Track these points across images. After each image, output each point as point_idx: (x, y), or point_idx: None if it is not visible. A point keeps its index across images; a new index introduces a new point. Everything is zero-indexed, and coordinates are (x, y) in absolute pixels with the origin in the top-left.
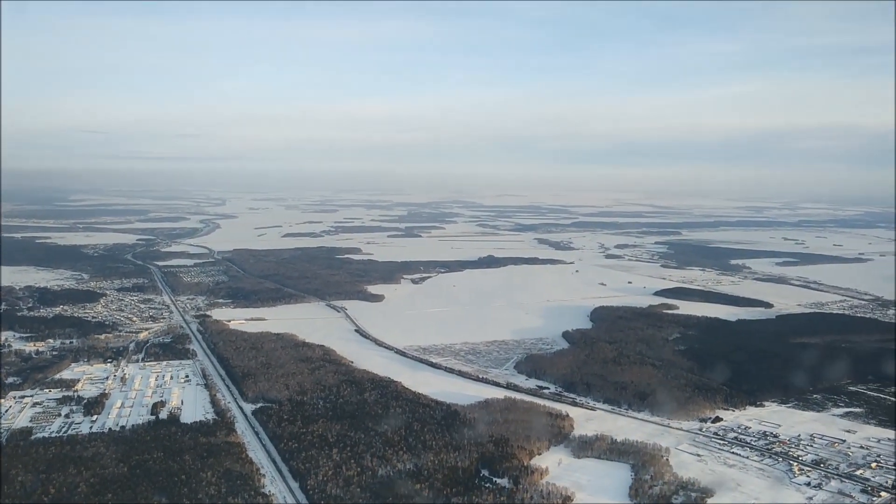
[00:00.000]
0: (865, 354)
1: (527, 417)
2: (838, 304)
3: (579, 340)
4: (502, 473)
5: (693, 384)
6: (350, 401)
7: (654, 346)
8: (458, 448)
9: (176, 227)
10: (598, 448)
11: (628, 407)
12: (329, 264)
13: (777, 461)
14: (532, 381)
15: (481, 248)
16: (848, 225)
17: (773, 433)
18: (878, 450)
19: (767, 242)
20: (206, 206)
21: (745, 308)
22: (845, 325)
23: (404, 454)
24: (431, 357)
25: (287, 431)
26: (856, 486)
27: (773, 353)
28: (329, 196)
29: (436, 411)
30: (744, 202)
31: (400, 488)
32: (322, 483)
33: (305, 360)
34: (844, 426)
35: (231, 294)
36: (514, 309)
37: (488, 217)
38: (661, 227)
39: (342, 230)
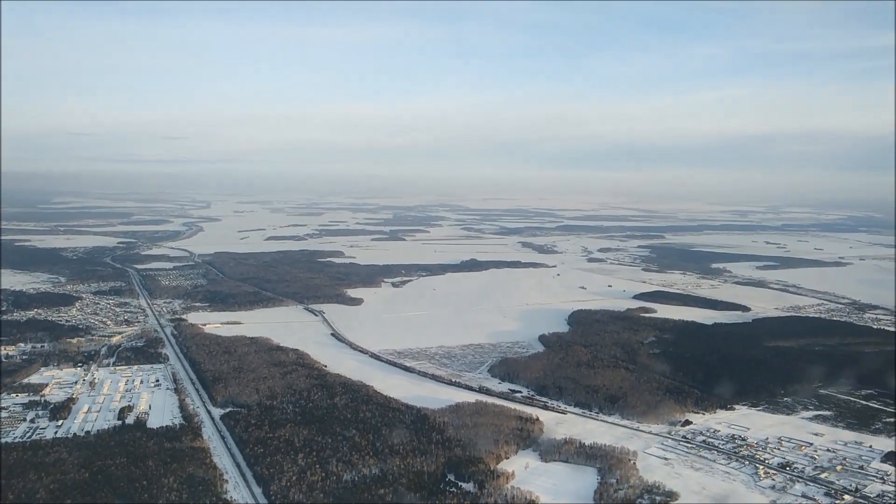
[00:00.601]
0: (838, 358)
1: (496, 421)
2: (815, 307)
3: (555, 344)
4: (468, 478)
5: (665, 387)
6: (320, 405)
7: (628, 349)
8: (426, 452)
9: (158, 230)
10: (565, 452)
11: (599, 410)
12: (310, 268)
13: (743, 464)
14: (505, 384)
15: (464, 251)
16: (830, 229)
17: (741, 436)
18: (844, 453)
19: (749, 246)
20: (191, 209)
21: (722, 312)
22: (820, 329)
23: (370, 459)
24: (406, 361)
25: (254, 436)
26: (820, 489)
27: (746, 357)
28: (316, 199)
29: (405, 415)
30: (729, 206)
31: (363, 493)
32: (285, 488)
33: (278, 365)
34: (813, 429)
35: (209, 297)
36: (493, 312)
37: (473, 220)
38: (646, 230)
39: (326, 233)
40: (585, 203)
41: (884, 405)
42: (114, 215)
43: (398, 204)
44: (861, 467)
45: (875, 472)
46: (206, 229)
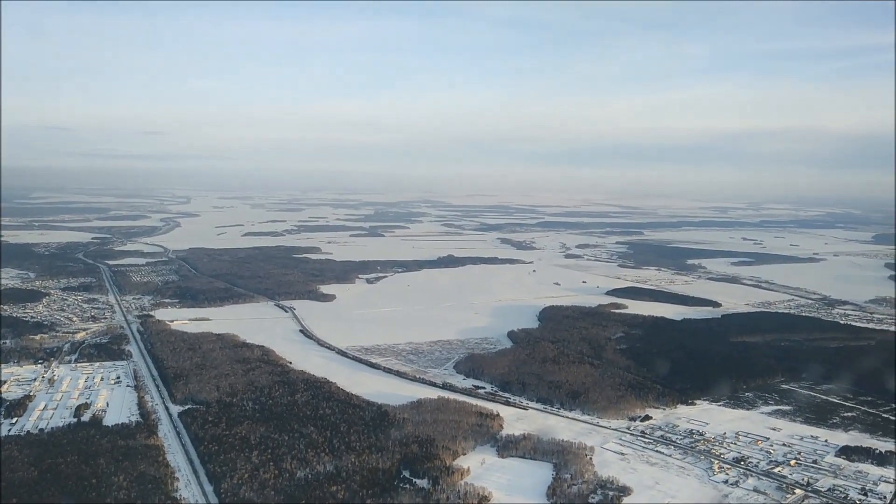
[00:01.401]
0: (802, 353)
1: (456, 417)
2: (785, 303)
3: (523, 340)
4: (423, 474)
5: (628, 383)
6: (280, 402)
7: (595, 345)
8: (382, 449)
9: (135, 225)
10: (522, 447)
11: (560, 406)
12: (284, 264)
13: (699, 459)
14: (470, 380)
15: (442, 247)
16: (808, 226)
17: (699, 431)
18: (799, 447)
19: (726, 243)
20: (170, 205)
21: (693, 307)
22: (787, 325)
23: (326, 456)
24: (372, 357)
25: (210, 434)
26: (772, 483)
27: (711, 352)
28: (297, 195)
29: (365, 412)
30: (710, 203)
31: (315, 490)
32: (236, 486)
33: (242, 361)
34: (771, 424)
35: (179, 294)
36: (465, 309)
37: (455, 217)
38: (625, 227)
39: (305, 229)
40: (568, 200)
41: (843, 400)
42: (90, 210)
43: (380, 200)
44: (815, 462)
45: (828, 466)
46: (183, 225)
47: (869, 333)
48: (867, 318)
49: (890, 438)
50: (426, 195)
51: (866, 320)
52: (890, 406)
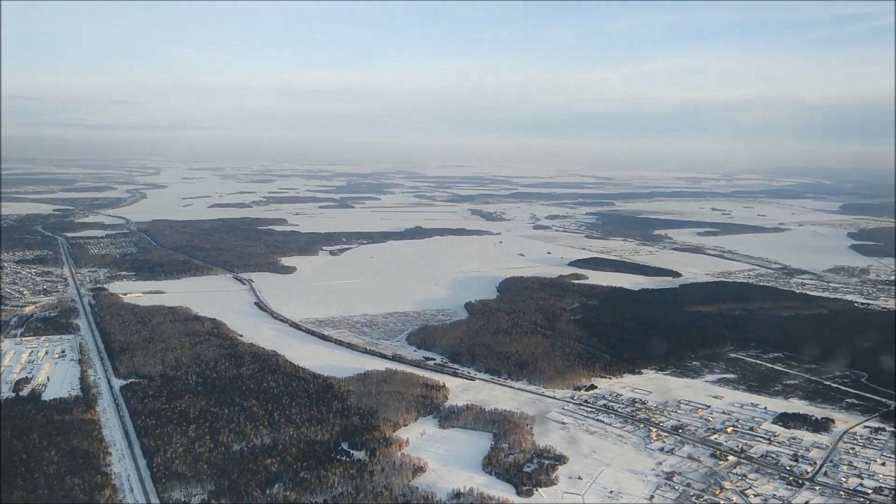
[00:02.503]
0: (753, 322)
1: (402, 389)
2: (745, 272)
3: (479, 311)
4: (361, 446)
5: (577, 353)
6: (225, 375)
7: (550, 315)
8: (322, 422)
9: (100, 197)
10: (464, 418)
11: (508, 376)
12: (248, 235)
13: (638, 428)
14: (421, 352)
15: (411, 219)
16: (779, 196)
17: (642, 400)
18: (738, 415)
19: (696, 213)
20: (139, 176)
21: (653, 278)
22: (743, 294)
23: (264, 429)
24: (325, 330)
25: (148, 408)
26: (707, 450)
27: (664, 322)
28: (270, 166)
29: (310, 385)
30: (684, 173)
31: (249, 463)
32: (169, 460)
33: (191, 335)
34: (714, 392)
35: (136, 266)
36: (425, 280)
37: (428, 188)
38: (597, 197)
39: (274, 201)
40: (543, 171)
41: (788, 367)
42: (56, 182)
43: (354, 171)
44: (752, 429)
45: (764, 433)
46: (149, 196)
47: (822, 302)
48: (823, 287)
49: (828, 405)
50: (401, 166)
51: (822, 289)
52: (833, 373)
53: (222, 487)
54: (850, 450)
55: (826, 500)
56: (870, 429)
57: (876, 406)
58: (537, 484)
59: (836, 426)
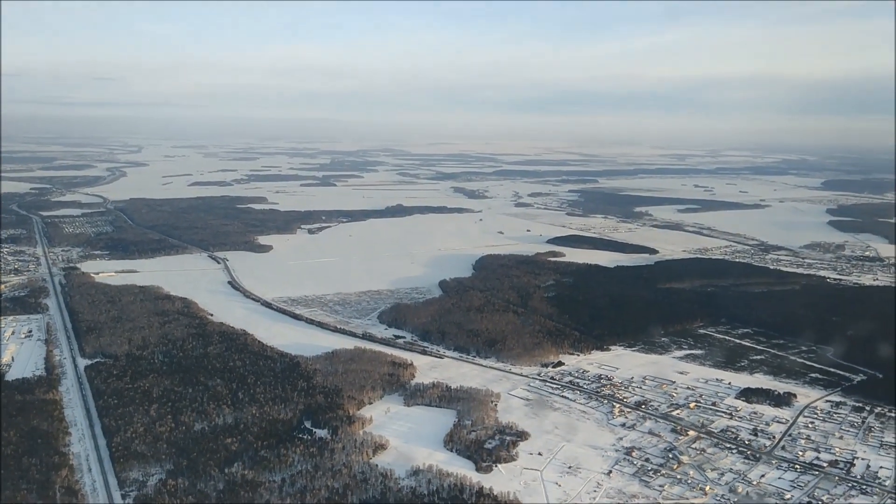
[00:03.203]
0: (725, 298)
1: (369, 367)
2: (722, 249)
3: (453, 289)
4: (324, 424)
5: (547, 330)
6: (191, 355)
7: (523, 293)
8: (286, 401)
9: (79, 175)
10: (429, 396)
11: (477, 354)
12: (226, 214)
13: (602, 404)
14: (392, 330)
15: (393, 197)
16: (763, 172)
17: (608, 376)
18: (702, 390)
19: (678, 190)
20: (120, 154)
21: (629, 255)
22: (717, 270)
23: (227, 408)
24: (298, 308)
25: (112, 387)
26: (668, 425)
27: (635, 299)
28: (254, 144)
29: (277, 364)
30: (670, 150)
31: (209, 443)
32: (129, 440)
33: (160, 314)
34: (680, 368)
35: (111, 245)
36: (403, 259)
37: (412, 166)
38: (581, 175)
39: (255, 179)
40: (530, 148)
41: (756, 343)
42: (35, 160)
43: (339, 149)
44: (714, 404)
45: (726, 408)
46: (129, 174)
47: (795, 278)
48: (798, 263)
49: (792, 380)
50: (387, 144)
51: (796, 265)
52: (799, 349)
53: (181, 467)
54: (810, 424)
55: (781, 474)
56: (831, 403)
57: (839, 381)
58: (497, 460)
59: (797, 401)
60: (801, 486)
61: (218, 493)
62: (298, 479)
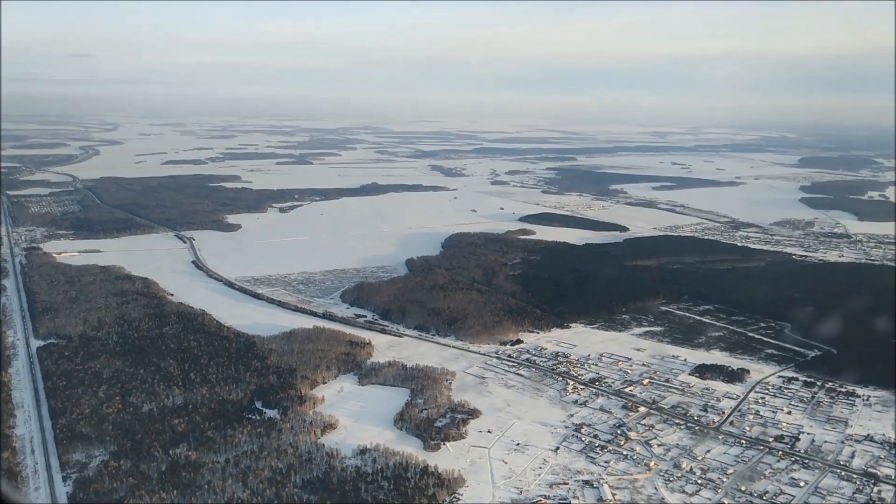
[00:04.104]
0: (689, 275)
1: (326, 347)
2: (693, 226)
3: (419, 268)
4: (275, 405)
5: (509, 308)
6: (146, 335)
7: (489, 271)
8: (238, 381)
9: (51, 153)
10: (384, 375)
11: (437, 332)
12: (196, 193)
13: (556, 381)
14: (354, 309)
15: (370, 175)
16: (741, 150)
17: (565, 354)
18: (657, 367)
19: (656, 167)
20: (95, 132)
21: (600, 232)
22: (685, 248)
23: (177, 389)
24: (260, 288)
25: (62, 369)
26: (620, 402)
27: (601, 276)
28: (234, 122)
29: (233, 344)
30: (652, 128)
31: (155, 424)
32: (74, 421)
33: (119, 294)
34: (637, 345)
35: (76, 225)
36: (372, 237)
37: (391, 144)
38: (561, 152)
39: (230, 157)
40: (512, 125)
41: (716, 319)
42: (7, 139)
43: (320, 127)
44: (667, 380)
45: (679, 384)
46: (102, 153)
47: (761, 255)
48: (766, 240)
49: (747, 356)
50: (368, 122)
51: (765, 242)
52: (758, 325)
53: (125, 448)
54: (760, 400)
55: (727, 450)
56: (783, 379)
57: (793, 357)
58: (446, 438)
59: (750, 377)
60: (744, 461)
61: (160, 473)
62: (243, 460)
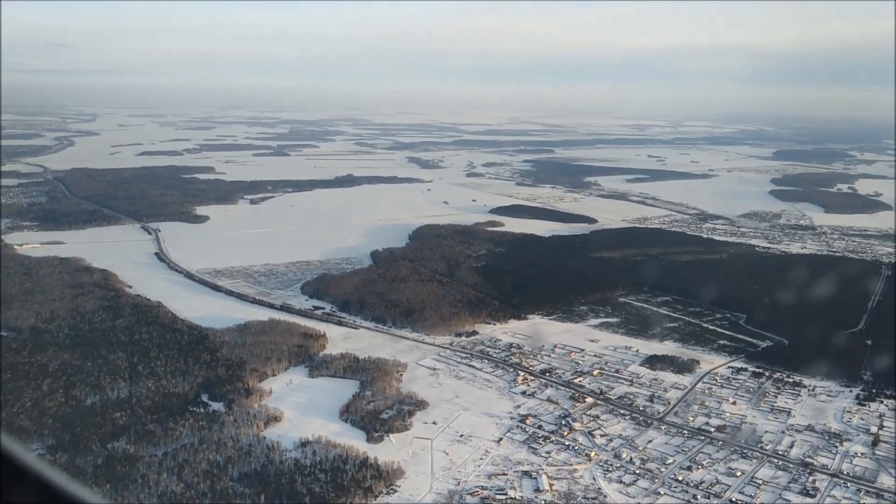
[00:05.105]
0: (651, 267)
1: (279, 339)
2: (661, 219)
3: (383, 260)
4: (221, 398)
5: (468, 300)
6: (98, 328)
7: (453, 263)
8: (186, 373)
9: (24, 144)
10: (335, 367)
11: (393, 324)
12: (168, 184)
13: (507, 372)
14: (313, 301)
15: (346, 166)
16: (718, 142)
17: (518, 345)
18: (609, 357)
19: (632, 160)
20: (73, 123)
21: (569, 224)
22: (651, 239)
23: (123, 382)
24: (220, 280)
25: (7, 362)
26: (568, 392)
27: (563, 268)
28: (215, 113)
29: (185, 336)
30: (633, 120)
31: (96, 417)
32: (14, 415)
33: (75, 286)
34: (592, 336)
35: (42, 216)
36: (341, 229)
37: (371, 135)
38: (539, 144)
39: (207, 148)
40: (494, 118)
41: (673, 311)
42: None
43: (301, 118)
44: (618, 371)
45: (629, 375)
46: (78, 144)
47: (724, 247)
48: (732, 232)
49: (699, 347)
50: (350, 113)
51: (731, 234)
52: (714, 316)
53: (63, 442)
54: (707, 390)
55: (669, 440)
56: (732, 369)
57: (745, 347)
58: (390, 430)
59: (700, 367)
60: (684, 451)
61: (96, 467)
62: (181, 453)
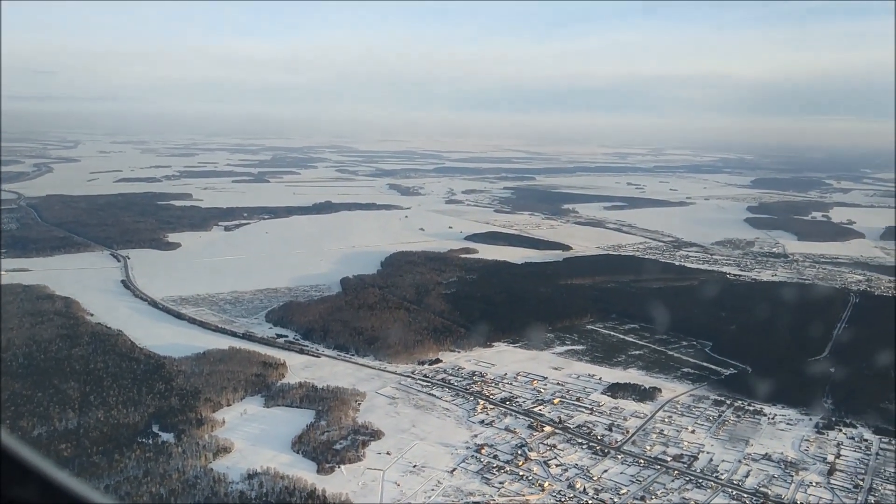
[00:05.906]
0: (620, 294)
1: (238, 368)
2: (636, 246)
3: (352, 287)
4: (171, 428)
5: (434, 327)
6: (54, 357)
7: (422, 290)
8: (138, 403)
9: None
10: (292, 396)
11: (356, 352)
12: (142, 211)
13: (467, 401)
14: (277, 329)
15: (326, 193)
16: (698, 171)
17: (481, 373)
18: (571, 385)
19: (611, 187)
20: (54, 150)
21: (542, 251)
22: (623, 267)
23: (72, 412)
24: (185, 308)
25: None
26: (527, 421)
27: (533, 295)
28: (199, 140)
29: (141, 365)
30: (614, 148)
31: (42, 448)
32: None
33: (36, 314)
34: (556, 363)
35: (9, 243)
36: (314, 256)
37: (354, 163)
38: (521, 172)
39: (187, 175)
40: (478, 145)
41: (639, 338)
42: None
43: (285, 145)
44: (579, 399)
45: (589, 403)
46: (56, 171)
47: (695, 274)
48: (705, 259)
49: (663, 375)
50: (335, 140)
51: (703, 261)
52: (680, 344)
53: None
54: (667, 419)
55: (624, 469)
56: (693, 398)
57: (708, 375)
58: (342, 461)
59: (662, 395)
60: (639, 481)
61: None
62: (124, 485)
